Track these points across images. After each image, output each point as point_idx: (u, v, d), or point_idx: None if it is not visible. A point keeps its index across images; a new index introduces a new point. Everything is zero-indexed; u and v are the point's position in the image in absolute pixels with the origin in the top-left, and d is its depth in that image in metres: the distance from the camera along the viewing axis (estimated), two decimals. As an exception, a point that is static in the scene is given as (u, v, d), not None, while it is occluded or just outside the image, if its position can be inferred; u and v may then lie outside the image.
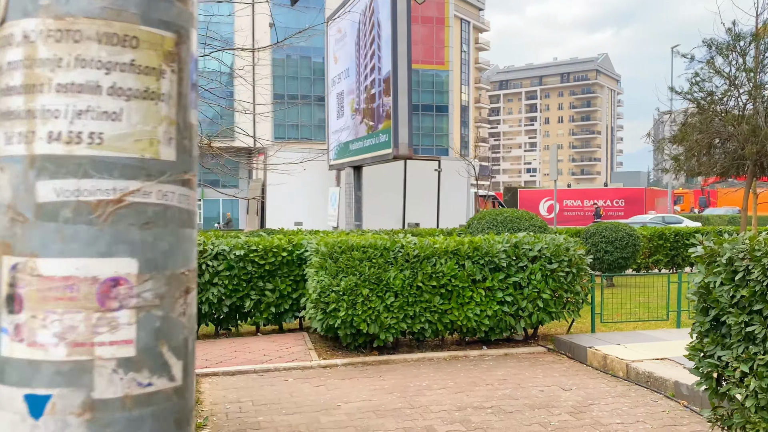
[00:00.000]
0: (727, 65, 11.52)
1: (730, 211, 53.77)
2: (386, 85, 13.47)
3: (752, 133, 10.92)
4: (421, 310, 7.65)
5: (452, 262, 7.74)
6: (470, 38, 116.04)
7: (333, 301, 7.53)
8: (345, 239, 7.92)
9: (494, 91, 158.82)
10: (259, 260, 8.91)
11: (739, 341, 3.97)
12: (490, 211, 12.10)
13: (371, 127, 14.45)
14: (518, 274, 7.93)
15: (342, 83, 16.75)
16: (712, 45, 11.63)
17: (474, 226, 11.97)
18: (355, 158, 15.56)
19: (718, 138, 11.98)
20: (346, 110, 16.37)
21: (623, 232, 14.39)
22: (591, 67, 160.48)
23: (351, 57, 15.89)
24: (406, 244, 7.82)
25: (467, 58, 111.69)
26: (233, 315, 9.14)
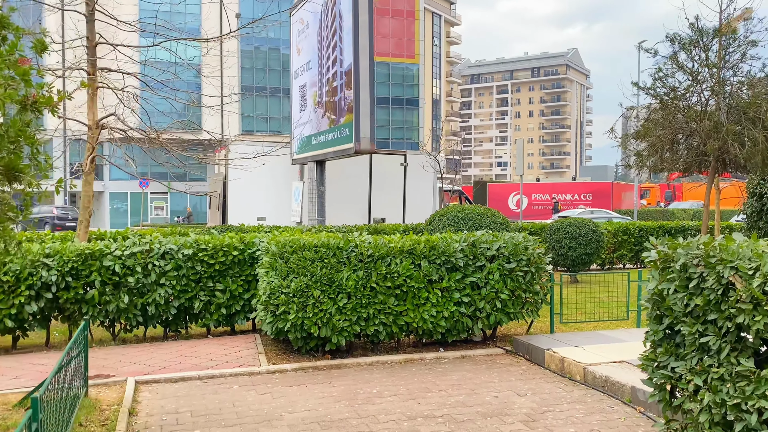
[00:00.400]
0: (690, 61, 11.42)
1: (694, 205, 54.59)
2: (348, 78, 13.13)
3: (714, 129, 10.83)
4: (375, 311, 7.37)
5: (408, 262, 7.47)
6: (441, 32, 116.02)
7: (283, 303, 7.21)
8: (296, 238, 7.59)
9: (466, 85, 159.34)
10: (208, 260, 8.53)
11: (693, 352, 3.76)
12: (452, 207, 11.87)
13: (333, 120, 14.09)
14: (476, 274, 7.70)
15: (305, 75, 16.35)
16: (676, 40, 11.52)
17: (435, 223, 11.73)
18: (317, 152, 15.21)
19: (680, 134, 11.89)
20: (309, 103, 15.99)
21: (587, 228, 14.29)
22: (561, 62, 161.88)
23: (313, 49, 15.50)
24: (360, 243, 7.52)
25: (439, 52, 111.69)
26: (182, 317, 8.76)
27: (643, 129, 11.68)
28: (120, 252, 8.31)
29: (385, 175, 19.71)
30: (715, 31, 11.10)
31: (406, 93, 60.48)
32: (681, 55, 11.82)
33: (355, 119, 12.77)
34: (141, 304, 8.35)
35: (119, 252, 8.31)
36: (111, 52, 10.29)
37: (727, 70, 11.08)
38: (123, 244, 8.52)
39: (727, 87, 11.07)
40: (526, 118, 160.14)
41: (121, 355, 7.74)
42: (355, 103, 12.78)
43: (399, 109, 60.56)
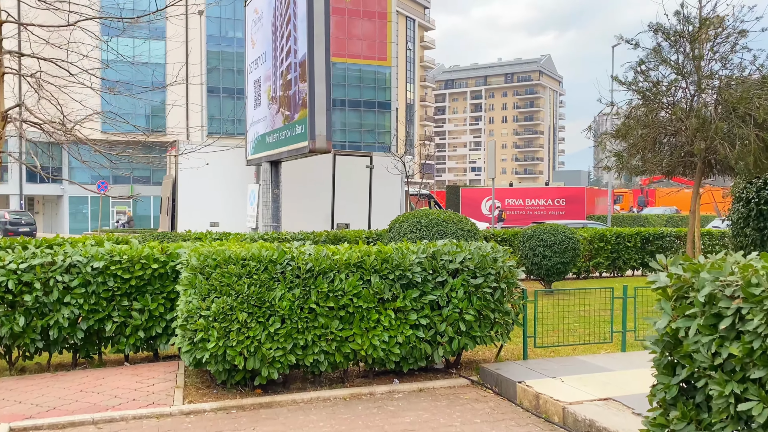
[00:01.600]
0: (675, 53, 10.42)
1: (668, 211, 54.38)
2: (302, 69, 11.93)
3: (701, 128, 9.83)
4: (314, 338, 6.15)
5: (355, 278, 6.27)
6: (415, 36, 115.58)
7: (201, 328, 5.95)
8: (221, 249, 6.33)
9: (440, 90, 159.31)
10: (123, 274, 7.23)
11: (725, 421, 2.60)
12: (415, 212, 10.72)
13: (287, 117, 12.87)
14: (436, 291, 6.52)
15: (259, 69, 15.10)
16: (659, 30, 10.52)
17: (395, 230, 10.53)
18: (271, 152, 13.96)
19: (663, 133, 10.88)
20: (263, 99, 14.74)
21: (562, 236, 13.24)
22: (534, 68, 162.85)
23: (267, 40, 14.26)
24: (297, 255, 6.29)
25: (412, 56, 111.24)
26: (93, 340, 7.44)
27: (624, 127, 10.64)
28: (15, 265, 6.96)
29: (349, 178, 18.51)
30: (702, 21, 10.11)
31: (378, 96, 59.40)
32: (664, 47, 10.82)
33: (310, 115, 11.55)
34: (41, 327, 7.01)
35: (14, 265, 6.96)
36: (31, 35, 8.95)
37: (715, 62, 10.10)
38: (21, 255, 7.18)
39: (715, 81, 10.08)
40: (499, 124, 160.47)
41: (8, 390, 6.39)
42: (310, 97, 11.57)
43: (371, 112, 59.44)
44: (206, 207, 17.25)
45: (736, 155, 9.56)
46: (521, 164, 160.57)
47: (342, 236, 13.70)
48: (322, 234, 13.57)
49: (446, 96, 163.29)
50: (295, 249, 6.50)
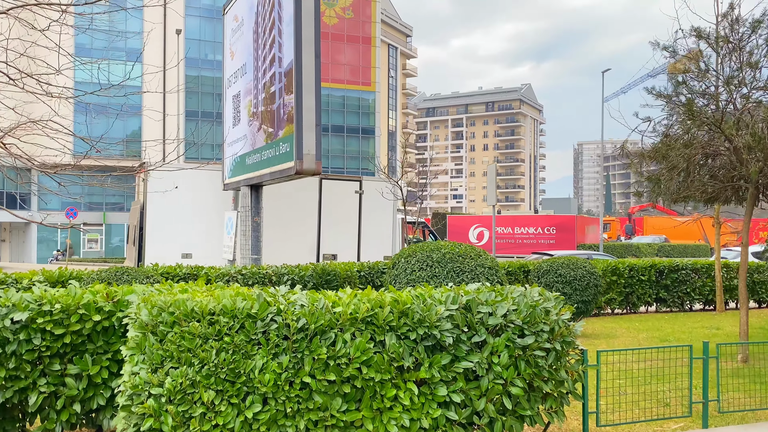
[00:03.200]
0: (723, 60, 9.00)
1: (657, 240, 53.43)
2: (288, 79, 10.37)
3: (757, 144, 8.36)
4: (309, 424, 4.44)
5: (364, 339, 4.59)
6: (398, 64, 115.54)
7: (151, 413, 4.22)
8: (181, 300, 4.62)
9: (421, 117, 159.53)
10: (55, 328, 5.47)
11: None
12: (424, 245, 9.11)
13: (270, 134, 11.25)
14: (472, 355, 4.85)
15: (238, 83, 13.52)
16: (701, 35, 9.11)
17: (400, 266, 8.87)
18: (251, 175, 12.32)
19: (706, 153, 9.41)
20: (243, 115, 13.14)
21: (583, 270, 11.69)
22: (515, 97, 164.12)
23: (248, 49, 12.72)
24: (285, 308, 4.61)
25: (395, 84, 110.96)
26: (13, 416, 5.65)
27: (663, 147, 9.13)
28: None
29: (337, 204, 16.86)
30: (755, 23, 8.71)
31: (362, 121, 58.11)
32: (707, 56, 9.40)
33: (297, 131, 9.95)
34: (-62, 402, 5.22)
35: None
36: None
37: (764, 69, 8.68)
38: None
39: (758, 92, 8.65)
40: (481, 152, 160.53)
41: None
42: (297, 110, 9.97)
43: (354, 137, 58.09)
44: (178, 236, 15.48)
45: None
46: (503, 192, 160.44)
47: (331, 270, 12.01)
48: (308, 267, 11.88)
49: (427, 124, 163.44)
50: (281, 297, 4.81)
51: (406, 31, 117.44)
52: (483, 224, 41.63)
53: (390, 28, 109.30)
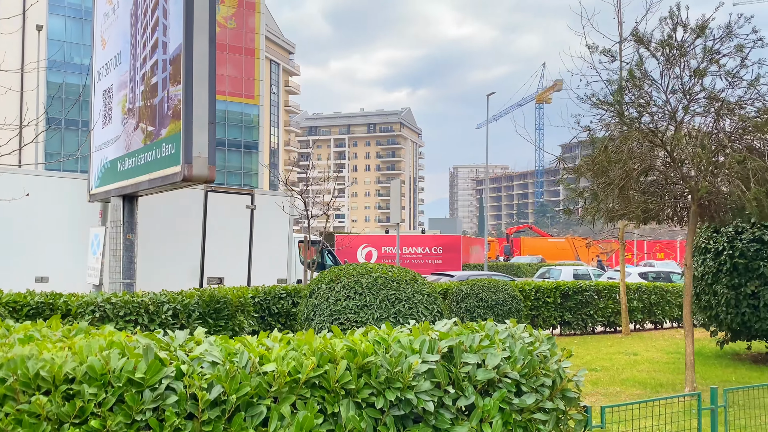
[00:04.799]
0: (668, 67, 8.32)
1: (534, 260, 54.98)
2: (175, 67, 8.61)
3: (705, 158, 7.68)
4: None
5: (311, 412, 3.07)
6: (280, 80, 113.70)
7: None
8: (20, 356, 2.88)
9: (304, 136, 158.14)
10: None
11: None
12: (349, 267, 7.62)
13: (150, 134, 9.36)
14: (459, 427, 3.45)
15: (111, 75, 11.45)
16: (642, 41, 8.40)
17: (321, 295, 7.29)
18: (125, 183, 10.29)
19: (643, 167, 8.69)
20: (116, 113, 11.09)
21: (504, 294, 10.71)
22: (395, 120, 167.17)
23: (124, 35, 10.74)
24: (190, 368, 2.99)
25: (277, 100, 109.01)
26: None
27: (604, 159, 8.28)
28: None
29: (224, 220, 14.98)
30: (700, 27, 8.11)
31: (245, 136, 55.65)
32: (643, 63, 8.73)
33: (185, 129, 8.19)
34: None
35: None
36: None
37: (720, 79, 8.08)
38: None
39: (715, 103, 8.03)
40: (363, 172, 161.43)
41: None
42: (186, 104, 8.22)
43: (236, 152, 55.45)
44: (31, 256, 12.92)
45: (753, 195, 7.46)
46: (384, 212, 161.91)
47: (221, 297, 10.19)
48: (193, 294, 9.99)
49: (310, 143, 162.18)
50: (180, 351, 3.19)
51: (288, 48, 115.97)
52: (371, 244, 40.64)
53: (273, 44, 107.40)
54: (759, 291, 10.03)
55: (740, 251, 10.15)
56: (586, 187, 9.05)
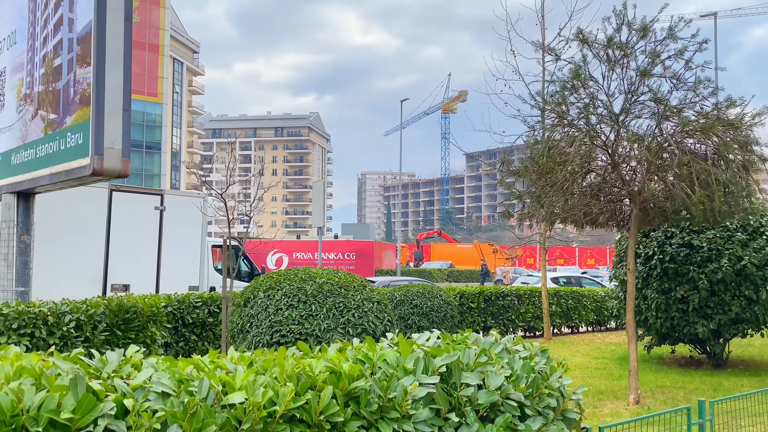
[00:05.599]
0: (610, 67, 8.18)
1: (444, 265, 55.63)
2: (84, 47, 7.59)
3: (653, 159, 7.56)
4: None
5: (291, 455, 2.40)
6: (183, 79, 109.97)
7: None
8: None
9: (208, 138, 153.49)
10: None
11: None
12: (288, 273, 6.86)
13: (52, 122, 8.24)
14: (462, 461, 2.89)
15: (3, 56, 10.11)
16: (587, 41, 8.22)
17: (259, 304, 6.46)
18: (20, 178, 9.04)
19: (586, 170, 8.51)
20: (10, 99, 9.78)
21: (439, 300, 10.31)
22: (304, 124, 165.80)
23: (20, 11, 9.50)
24: (135, 404, 2.25)
25: (180, 100, 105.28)
26: None
27: (548, 160, 8.02)
28: None
29: (130, 222, 13.77)
30: (644, 28, 8.02)
31: (147, 135, 52.96)
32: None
33: (96, 116, 7.20)
34: None
35: None
36: None
37: (665, 81, 8.01)
38: None
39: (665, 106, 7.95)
40: (270, 177, 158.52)
41: None
42: (97, 89, 7.23)
43: (137, 153, 52.64)
44: None
45: (699, 198, 7.40)
46: (291, 218, 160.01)
47: (131, 307, 9.17)
48: (99, 304, 8.91)
49: (214, 145, 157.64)
50: (116, 378, 2.45)
51: (193, 47, 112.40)
52: (282, 249, 39.54)
53: (177, 42, 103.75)
54: (688, 295, 10.16)
55: (670, 256, 10.24)
56: (526, 189, 8.79)
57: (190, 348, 10.86)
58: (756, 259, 9.80)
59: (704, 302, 10.09)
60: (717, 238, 9.96)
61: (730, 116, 7.88)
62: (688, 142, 8.13)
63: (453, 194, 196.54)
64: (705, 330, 10.08)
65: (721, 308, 10.05)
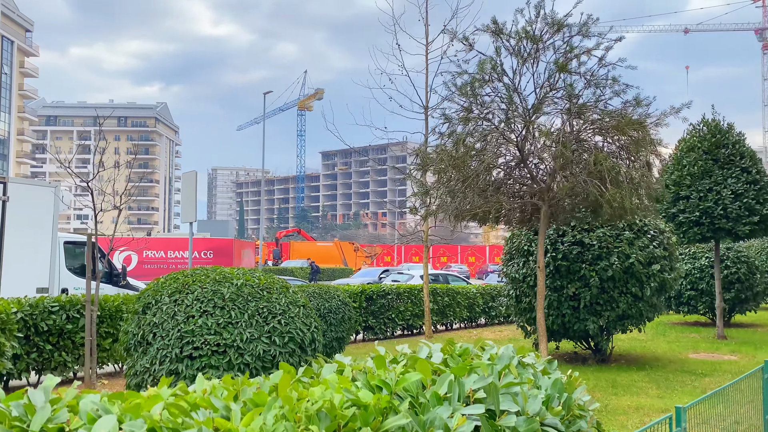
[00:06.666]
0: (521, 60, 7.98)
1: (305, 263, 54.76)
2: None
3: (568, 156, 7.47)
4: None
5: None
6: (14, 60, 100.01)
7: None
8: None
9: (41, 126, 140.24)
10: None
11: None
12: (196, 272, 5.77)
13: None
14: None
15: None
16: (500, 33, 7.97)
17: (165, 311, 5.27)
18: None
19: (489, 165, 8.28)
20: None
21: (337, 301, 9.66)
22: (150, 114, 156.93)
23: None
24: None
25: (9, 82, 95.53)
26: None
27: (462, 155, 7.68)
28: None
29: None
30: (558, 22, 7.92)
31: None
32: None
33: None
34: None
35: None
36: None
37: (580, 78, 7.95)
38: None
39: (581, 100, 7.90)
40: (111, 169, 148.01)
41: None
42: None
43: (-42, 137, 46.44)
44: None
45: (612, 196, 7.41)
46: (135, 214, 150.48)
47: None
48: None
49: (47, 133, 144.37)
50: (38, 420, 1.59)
51: (25, 25, 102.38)
52: (131, 247, 36.56)
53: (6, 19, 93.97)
54: (580, 293, 10.34)
55: (563, 254, 10.37)
56: (438, 184, 8.40)
57: (44, 360, 9.33)
58: (641, 257, 10.18)
59: (595, 299, 10.33)
60: (607, 237, 10.23)
61: (634, 115, 7.99)
62: (597, 139, 8.15)
63: (308, 192, 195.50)
64: (595, 326, 10.32)
65: (610, 305, 10.35)
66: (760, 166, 13.77)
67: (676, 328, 16.88)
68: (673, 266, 10.79)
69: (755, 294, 17.01)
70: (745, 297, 16.83)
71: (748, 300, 16.94)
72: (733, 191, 13.38)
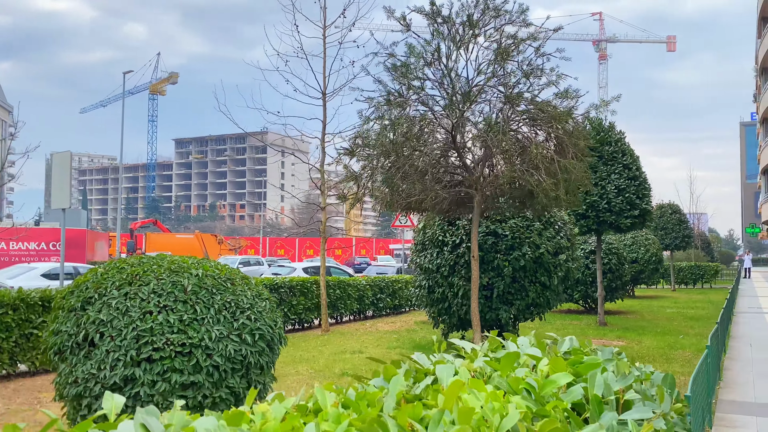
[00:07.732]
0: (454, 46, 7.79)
1: (163, 256, 51.79)
2: None
3: (510, 145, 7.41)
4: None
5: None
6: None
7: None
8: None
9: None
10: None
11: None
12: (148, 262, 4.79)
13: None
14: None
15: None
16: (436, 16, 7.72)
17: (110, 306, 4.28)
18: None
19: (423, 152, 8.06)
20: None
21: (251, 295, 8.94)
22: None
23: None
24: None
25: None
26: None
27: (399, 135, 7.39)
28: None
29: None
30: (496, 9, 7.84)
31: None
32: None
33: None
34: None
35: None
36: None
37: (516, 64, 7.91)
38: None
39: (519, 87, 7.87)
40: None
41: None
42: None
43: None
44: None
45: (548, 186, 7.46)
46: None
47: None
48: None
49: None
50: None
51: None
52: None
53: None
54: (493, 282, 10.44)
55: (477, 244, 10.39)
56: (367, 170, 8.01)
57: None
58: (550, 247, 10.47)
59: (508, 288, 10.48)
60: (519, 227, 10.41)
61: (560, 107, 8.12)
62: (524, 130, 8.19)
63: (160, 181, 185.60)
64: (507, 315, 10.48)
65: (521, 294, 10.55)
66: (639, 164, 14.78)
67: (555, 315, 17.76)
68: (575, 256, 11.23)
69: (624, 283, 18.33)
70: (615, 286, 18.10)
71: (617, 288, 18.24)
72: (616, 186, 14.26)
